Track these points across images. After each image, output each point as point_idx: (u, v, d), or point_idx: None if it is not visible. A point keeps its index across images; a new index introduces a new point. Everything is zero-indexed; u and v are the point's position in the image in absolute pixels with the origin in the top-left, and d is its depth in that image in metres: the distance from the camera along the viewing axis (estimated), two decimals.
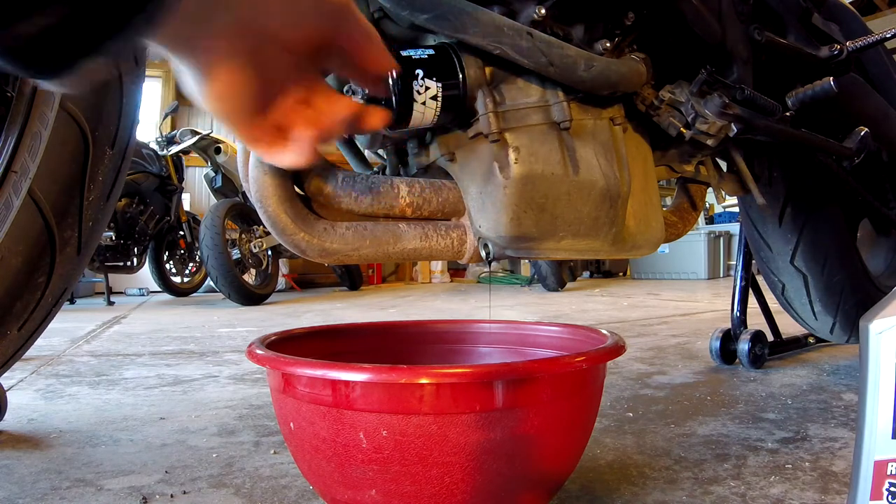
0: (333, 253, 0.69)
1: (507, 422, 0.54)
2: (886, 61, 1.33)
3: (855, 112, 1.14)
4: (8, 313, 0.78)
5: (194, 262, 5.07)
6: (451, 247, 0.75)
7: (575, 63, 0.70)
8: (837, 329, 1.39)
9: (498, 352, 0.85)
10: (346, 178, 0.71)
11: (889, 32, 0.98)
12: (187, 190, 5.48)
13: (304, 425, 0.58)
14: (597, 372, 0.63)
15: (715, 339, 1.52)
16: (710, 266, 6.12)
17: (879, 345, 0.46)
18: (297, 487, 0.76)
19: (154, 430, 1.03)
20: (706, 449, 0.88)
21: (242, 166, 0.69)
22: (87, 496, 0.74)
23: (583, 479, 0.77)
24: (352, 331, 0.86)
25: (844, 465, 0.81)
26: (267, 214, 0.66)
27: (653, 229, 0.82)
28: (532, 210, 0.71)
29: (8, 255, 0.76)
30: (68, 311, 3.67)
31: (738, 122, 0.78)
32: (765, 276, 1.47)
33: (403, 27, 0.73)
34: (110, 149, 0.83)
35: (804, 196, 1.28)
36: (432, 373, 0.52)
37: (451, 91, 0.68)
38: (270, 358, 0.59)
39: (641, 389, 1.27)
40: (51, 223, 0.78)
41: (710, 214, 7.15)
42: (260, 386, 1.38)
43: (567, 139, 0.74)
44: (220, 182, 4.51)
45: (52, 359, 1.81)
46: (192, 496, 0.74)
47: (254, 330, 2.58)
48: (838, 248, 1.31)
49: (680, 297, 3.90)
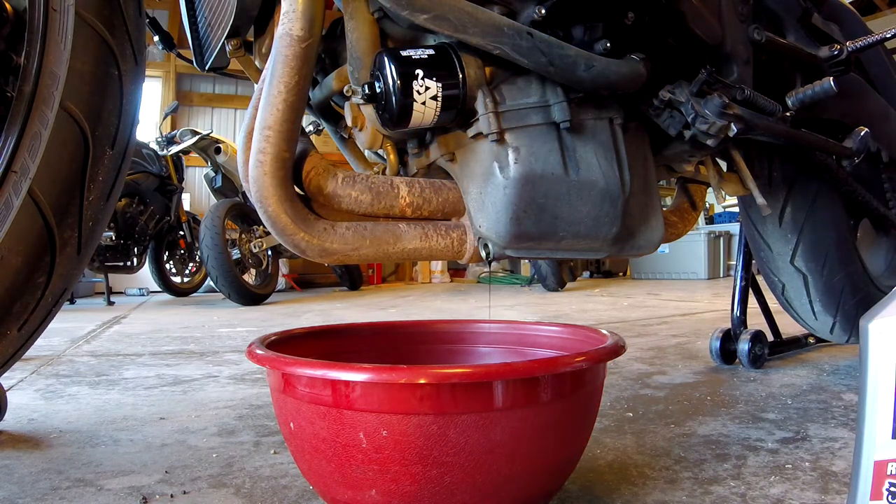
0: (333, 253, 0.69)
1: (507, 422, 0.54)
2: (886, 61, 1.33)
3: (855, 112, 1.14)
4: (8, 313, 0.78)
5: (194, 262, 5.07)
6: (451, 247, 0.75)
7: (575, 63, 0.70)
8: (837, 329, 1.39)
9: (498, 352, 0.85)
10: (346, 178, 0.71)
11: (889, 32, 0.98)
12: (187, 190, 5.48)
13: (304, 425, 0.58)
14: (597, 372, 0.63)
15: (715, 339, 1.52)
16: (710, 266, 6.11)
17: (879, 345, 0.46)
18: (297, 487, 0.76)
19: (154, 430, 1.03)
20: (706, 449, 0.88)
21: (242, 166, 0.69)
22: (87, 496, 0.74)
23: (583, 479, 0.77)
24: (352, 331, 0.86)
25: (844, 465, 0.81)
26: (267, 214, 0.66)
27: (653, 229, 0.82)
28: (532, 210, 0.71)
29: (8, 255, 0.76)
30: (68, 311, 3.67)
31: (738, 122, 0.78)
32: (765, 276, 1.47)
33: (403, 27, 0.73)
34: (110, 149, 0.83)
35: (804, 196, 1.28)
36: (432, 373, 0.52)
37: (451, 91, 0.68)
38: (270, 358, 0.59)
39: (641, 389, 1.27)
40: (51, 223, 0.78)
41: (710, 214, 7.15)
42: (260, 386, 1.38)
43: (567, 139, 0.74)
44: (220, 182, 4.51)
45: (52, 359, 1.81)
46: (192, 496, 0.74)
47: (254, 330, 2.58)
48: (838, 248, 1.31)
49: (680, 297, 3.90)
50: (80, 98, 0.79)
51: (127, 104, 0.85)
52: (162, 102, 6.38)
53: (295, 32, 0.65)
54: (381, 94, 0.68)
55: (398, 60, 0.67)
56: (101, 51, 0.81)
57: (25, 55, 0.78)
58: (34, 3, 0.78)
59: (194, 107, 6.77)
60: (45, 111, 0.77)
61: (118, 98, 0.83)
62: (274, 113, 0.65)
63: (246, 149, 0.68)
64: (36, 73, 0.77)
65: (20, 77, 0.77)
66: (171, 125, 5.77)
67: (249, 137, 0.68)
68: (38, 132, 0.76)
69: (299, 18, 0.65)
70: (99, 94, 0.81)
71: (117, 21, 0.82)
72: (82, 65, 0.78)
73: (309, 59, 0.66)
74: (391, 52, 0.68)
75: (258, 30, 0.83)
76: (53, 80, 0.77)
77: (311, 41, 0.66)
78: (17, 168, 0.76)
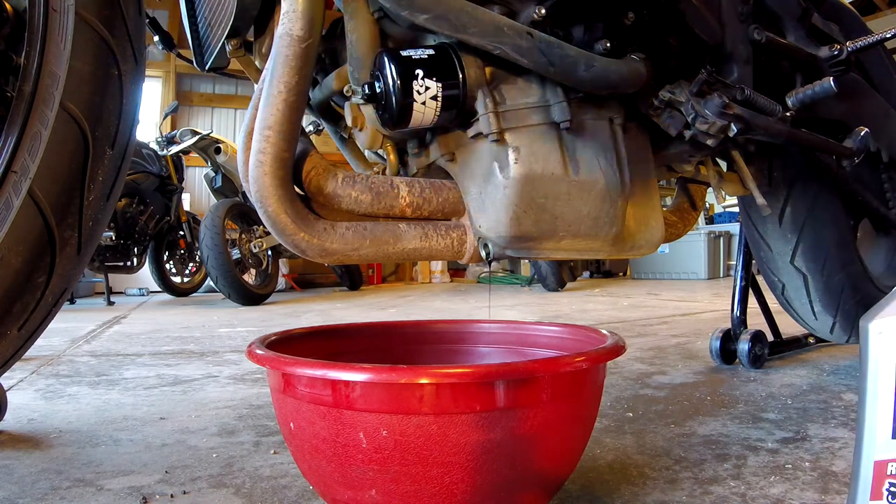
0: (333, 253, 0.69)
1: (507, 422, 0.54)
2: (886, 61, 1.32)
3: (855, 112, 1.14)
4: (8, 313, 0.78)
5: (194, 262, 5.07)
6: (451, 247, 0.75)
7: (575, 63, 0.70)
8: (837, 329, 1.39)
9: (498, 352, 0.85)
10: (346, 178, 0.71)
11: (889, 32, 0.98)
12: (187, 190, 5.48)
13: (304, 425, 0.58)
14: (597, 372, 0.63)
15: (715, 339, 1.52)
16: (710, 266, 6.11)
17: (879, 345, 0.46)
18: (297, 487, 0.76)
19: (154, 430, 1.03)
20: (706, 449, 0.88)
21: (242, 166, 0.69)
22: (87, 496, 0.74)
23: (583, 479, 0.77)
24: (352, 331, 0.86)
25: (844, 465, 0.81)
26: (267, 214, 0.66)
27: (653, 229, 0.82)
28: (532, 210, 0.71)
29: (8, 255, 0.76)
30: (68, 311, 3.67)
31: (738, 122, 0.78)
32: (765, 276, 1.47)
33: (403, 27, 0.73)
34: (110, 149, 0.83)
35: (804, 196, 1.28)
36: (432, 373, 0.52)
37: (451, 91, 0.68)
38: (270, 358, 0.59)
39: (641, 389, 1.27)
40: (51, 223, 0.78)
41: (710, 214, 7.15)
42: (260, 386, 1.38)
43: (567, 139, 0.74)
44: (220, 182, 4.51)
45: (52, 359, 1.81)
46: (192, 496, 0.74)
47: (254, 330, 2.58)
48: (838, 248, 1.31)
49: (680, 297, 3.90)
50: (80, 98, 0.79)
51: (127, 104, 0.85)
52: (162, 102, 6.38)
53: (295, 32, 0.65)
54: (381, 94, 0.68)
55: (398, 60, 0.67)
56: (101, 51, 0.81)
57: (25, 55, 0.78)
58: (34, 3, 0.78)
59: (194, 107, 6.77)
60: (45, 111, 0.77)
61: (118, 98, 0.83)
62: (274, 113, 0.65)
63: (246, 149, 0.68)
64: (36, 73, 0.77)
65: (20, 77, 0.77)
66: (171, 125, 5.77)
67: (249, 137, 0.68)
68: (38, 132, 0.76)
69: (299, 18, 0.65)
70: (99, 94, 0.81)
71: (117, 21, 0.82)
72: (82, 65, 0.78)
73: (309, 59, 0.66)
74: (391, 52, 0.68)
75: (258, 30, 0.83)
76: (53, 80, 0.77)
77: (311, 41, 0.66)
78: (17, 168, 0.76)
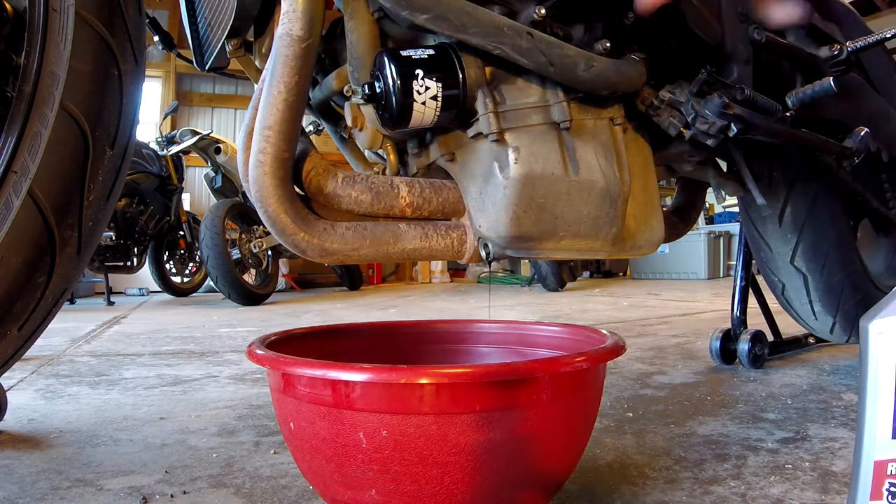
0: (333, 253, 0.69)
1: (507, 422, 0.54)
2: (886, 61, 1.32)
3: (855, 112, 1.14)
4: (8, 313, 0.78)
5: (194, 262, 5.07)
6: (451, 247, 0.75)
7: (575, 63, 0.70)
8: (837, 329, 1.39)
9: (498, 352, 0.85)
10: (346, 178, 0.71)
11: (889, 32, 0.98)
12: (187, 190, 5.48)
13: (304, 425, 0.58)
14: (597, 372, 0.63)
15: (715, 339, 1.52)
16: (710, 266, 6.11)
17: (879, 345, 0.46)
18: (297, 487, 0.76)
19: (154, 430, 1.03)
20: (706, 449, 0.88)
21: (242, 166, 0.69)
22: (87, 496, 0.74)
23: (583, 479, 0.77)
24: (352, 331, 0.86)
25: (844, 465, 0.81)
26: (267, 214, 0.66)
27: (653, 229, 0.82)
28: (532, 210, 0.71)
29: (8, 255, 0.76)
30: (68, 311, 3.67)
31: (738, 122, 0.78)
32: (765, 276, 1.47)
33: (403, 27, 0.73)
34: (110, 149, 0.83)
35: (804, 196, 1.28)
36: (432, 373, 0.52)
37: (451, 91, 0.68)
38: (270, 358, 0.59)
39: (641, 389, 1.27)
40: (51, 223, 0.78)
41: (710, 214, 7.15)
42: (260, 386, 1.38)
43: (567, 139, 0.74)
44: (220, 182, 4.51)
45: (52, 359, 1.81)
46: (192, 496, 0.74)
47: (254, 330, 2.58)
48: (838, 248, 1.31)
49: (680, 297, 3.90)
50: (80, 98, 0.79)
51: (127, 104, 0.85)
52: (162, 102, 6.38)
53: (295, 32, 0.65)
54: (381, 94, 0.68)
55: (398, 60, 0.67)
56: (101, 51, 0.81)
57: (25, 55, 0.78)
58: (34, 3, 0.78)
59: (194, 107, 6.77)
60: (45, 111, 0.77)
61: (118, 98, 0.83)
62: (274, 113, 0.65)
63: (246, 149, 0.68)
64: (36, 73, 0.77)
65: (20, 77, 0.77)
66: (171, 125, 5.77)
67: (249, 137, 0.68)
68: (38, 132, 0.76)
69: (299, 18, 0.65)
70: (99, 94, 0.81)
71: (117, 21, 0.82)
72: (82, 65, 0.78)
73: (309, 59, 0.66)
74: (391, 52, 0.68)
75: (258, 30, 0.83)
76: (53, 80, 0.77)
77: (311, 41, 0.66)
78: (17, 168, 0.76)
